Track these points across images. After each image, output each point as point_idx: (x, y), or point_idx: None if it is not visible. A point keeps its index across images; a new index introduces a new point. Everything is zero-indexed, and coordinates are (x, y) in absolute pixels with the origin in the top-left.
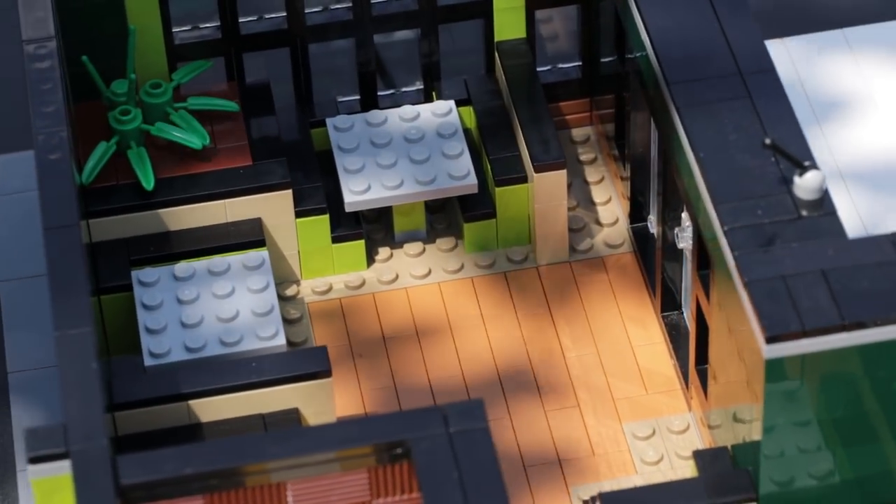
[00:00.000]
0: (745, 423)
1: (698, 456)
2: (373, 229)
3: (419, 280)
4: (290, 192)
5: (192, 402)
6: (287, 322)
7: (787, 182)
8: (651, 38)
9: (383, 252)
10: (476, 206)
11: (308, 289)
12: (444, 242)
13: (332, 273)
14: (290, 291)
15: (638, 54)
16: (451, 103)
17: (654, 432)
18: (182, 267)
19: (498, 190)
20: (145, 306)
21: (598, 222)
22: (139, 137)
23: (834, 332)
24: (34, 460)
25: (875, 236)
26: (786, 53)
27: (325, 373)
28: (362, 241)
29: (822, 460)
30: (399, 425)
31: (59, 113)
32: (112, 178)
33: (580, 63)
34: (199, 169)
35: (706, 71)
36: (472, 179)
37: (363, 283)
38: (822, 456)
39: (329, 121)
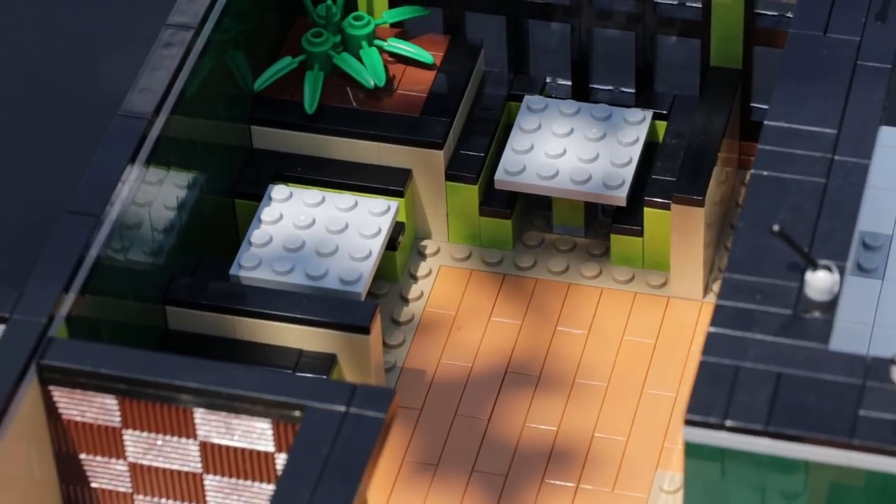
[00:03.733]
0: None
1: None
2: (538, 213)
3: (552, 275)
4: (441, 152)
5: (237, 318)
6: (412, 277)
7: (801, 277)
8: (774, 97)
9: (534, 238)
10: (627, 220)
11: (448, 252)
12: (595, 247)
13: (477, 244)
14: (430, 250)
15: None
16: (646, 113)
17: (679, 488)
18: (313, 193)
19: (647, 210)
20: (260, 220)
21: None
22: (324, 62)
23: (754, 434)
24: None
25: (854, 355)
26: None
27: (364, 329)
28: (509, 221)
29: None
30: (306, 389)
31: None
32: (287, 92)
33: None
34: (367, 107)
35: (802, 144)
36: (623, 192)
37: (501, 261)
38: None
39: (526, 98)
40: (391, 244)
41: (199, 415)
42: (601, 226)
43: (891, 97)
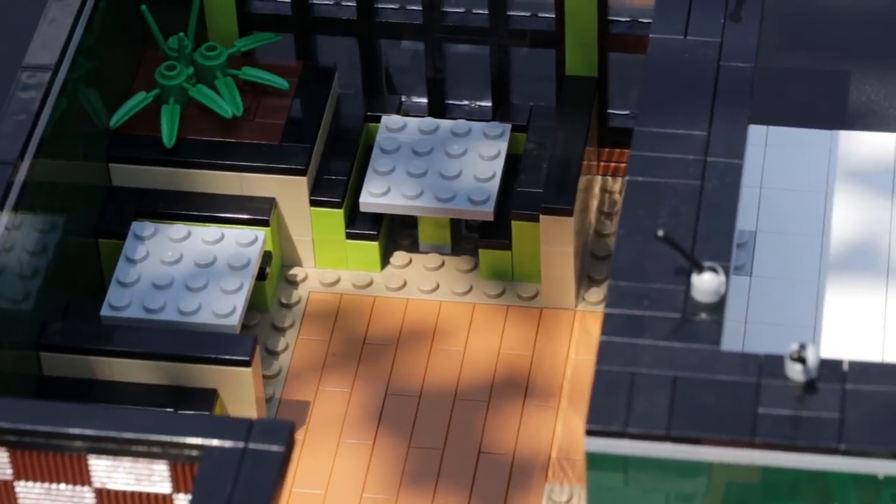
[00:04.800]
0: None
1: None
2: (403, 234)
3: (424, 294)
4: (304, 178)
5: (113, 360)
6: (282, 305)
7: (687, 280)
8: (641, 102)
9: (402, 258)
10: (495, 234)
11: (316, 278)
12: (463, 263)
13: (344, 267)
14: (297, 276)
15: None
16: (506, 126)
17: (571, 498)
18: (178, 228)
19: (514, 223)
20: (127, 258)
21: None
22: (180, 95)
23: (657, 440)
24: None
25: (747, 354)
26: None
27: (245, 362)
28: (377, 244)
29: None
30: (203, 427)
31: None
32: (143, 128)
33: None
34: (226, 137)
35: (673, 148)
36: (490, 207)
37: (370, 284)
38: None
39: (384, 118)
40: (260, 274)
41: (94, 461)
42: (467, 241)
43: (755, 96)
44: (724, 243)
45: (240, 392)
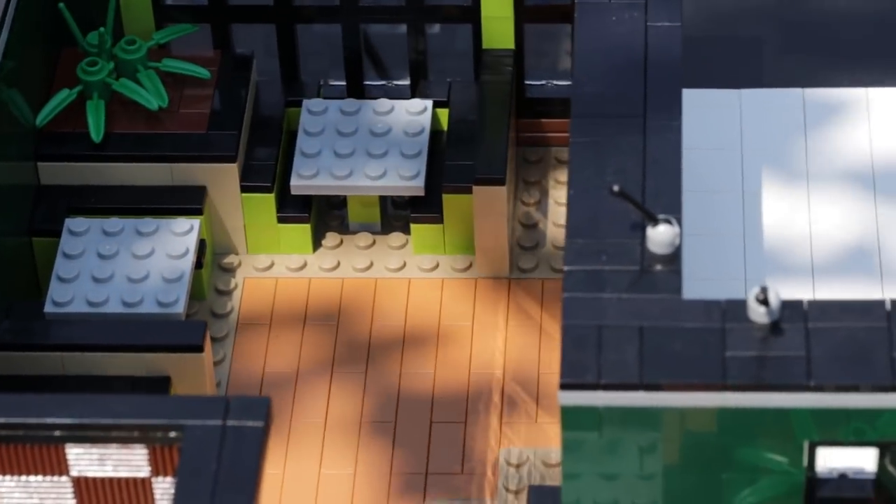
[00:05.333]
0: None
1: (532, 490)
2: (332, 215)
3: (358, 273)
4: (234, 165)
5: (65, 355)
6: (218, 293)
7: (643, 233)
8: (575, 66)
9: (333, 239)
10: (426, 208)
11: (249, 264)
12: (394, 240)
13: (277, 251)
14: (231, 264)
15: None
16: (427, 103)
17: (526, 460)
18: (112, 222)
19: (445, 196)
20: (64, 254)
21: (553, 244)
22: (103, 90)
23: (631, 389)
24: None
25: (709, 300)
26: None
27: (198, 347)
28: (308, 226)
29: None
30: (180, 409)
31: None
32: (69, 125)
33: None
34: (153, 129)
35: (612, 109)
36: (420, 182)
37: (304, 266)
38: None
39: (305, 102)
40: (196, 262)
41: (72, 450)
42: (396, 218)
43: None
44: (672, 197)
45: (193, 378)
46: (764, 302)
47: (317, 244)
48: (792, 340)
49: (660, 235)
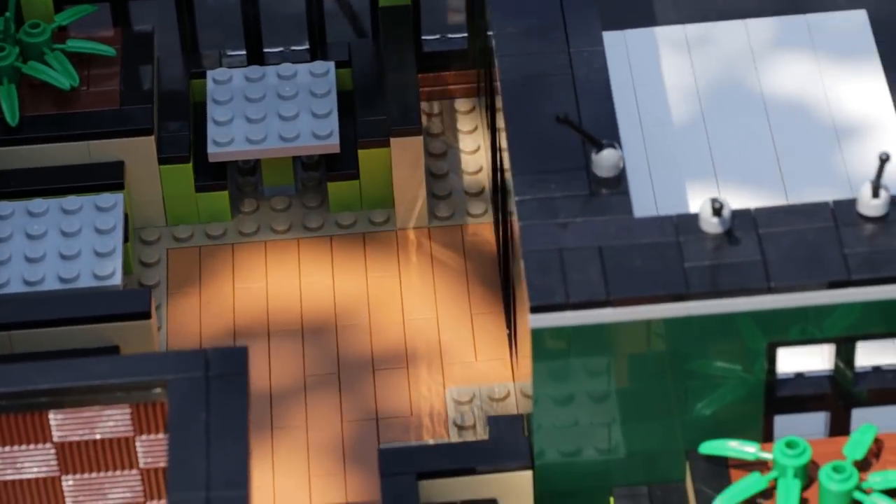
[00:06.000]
0: (529, 392)
1: (492, 421)
2: (245, 182)
3: (279, 235)
4: (152, 138)
5: (12, 333)
6: (143, 265)
7: (586, 159)
8: (492, 15)
9: (250, 204)
10: (341, 166)
11: (170, 235)
12: (311, 199)
13: (195, 221)
14: (151, 236)
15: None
16: (330, 64)
17: (473, 398)
18: (37, 203)
19: (361, 152)
20: None
21: (466, 191)
22: (12, 74)
23: (599, 306)
24: None
25: (659, 217)
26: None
27: (146, 314)
28: (226, 192)
29: (598, 435)
30: (161, 365)
31: None
32: None
33: (467, 35)
34: (67, 109)
35: (535, 47)
36: (335, 140)
37: (224, 233)
38: (597, 430)
39: (209, 73)
40: (124, 236)
41: (55, 416)
42: (309, 179)
43: None
44: (608, 122)
45: (141, 345)
46: (717, 213)
47: (234, 211)
48: (746, 247)
49: (605, 160)
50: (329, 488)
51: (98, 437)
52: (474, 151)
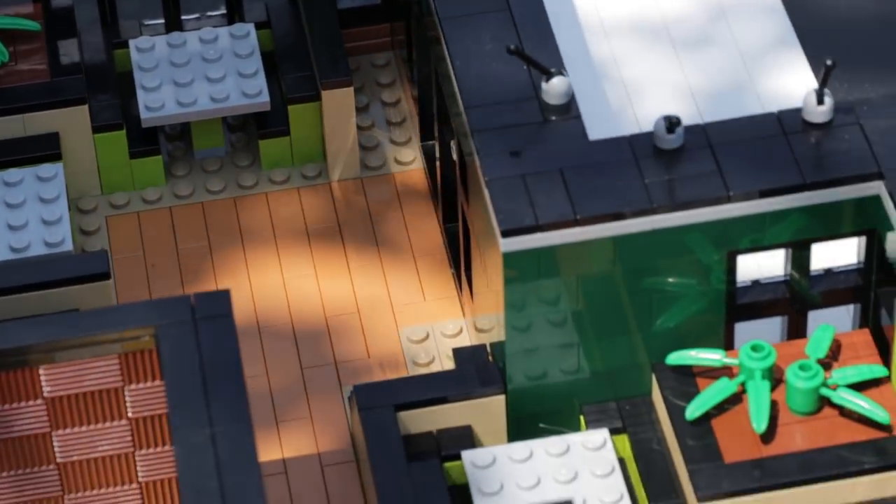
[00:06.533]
0: (496, 321)
1: (457, 353)
2: (174, 147)
3: (215, 195)
4: (86, 107)
5: None
6: (84, 234)
7: (536, 88)
8: None
9: (183, 168)
10: (271, 123)
11: (106, 203)
12: (242, 159)
13: (131, 188)
14: (89, 205)
15: None
16: (250, 26)
17: (427, 336)
18: None
19: (290, 108)
20: None
21: (392, 141)
22: None
23: (567, 226)
24: None
25: (614, 138)
26: None
27: (104, 275)
28: (160, 157)
29: (567, 355)
30: (148, 313)
31: None
32: None
33: None
34: None
35: None
36: (265, 97)
37: (160, 198)
38: (566, 350)
39: (132, 42)
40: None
41: (45, 371)
42: (238, 140)
43: None
44: (552, 54)
45: (102, 305)
46: (671, 129)
47: (168, 176)
48: (701, 160)
49: (555, 87)
50: (297, 433)
51: (88, 389)
52: (396, 103)
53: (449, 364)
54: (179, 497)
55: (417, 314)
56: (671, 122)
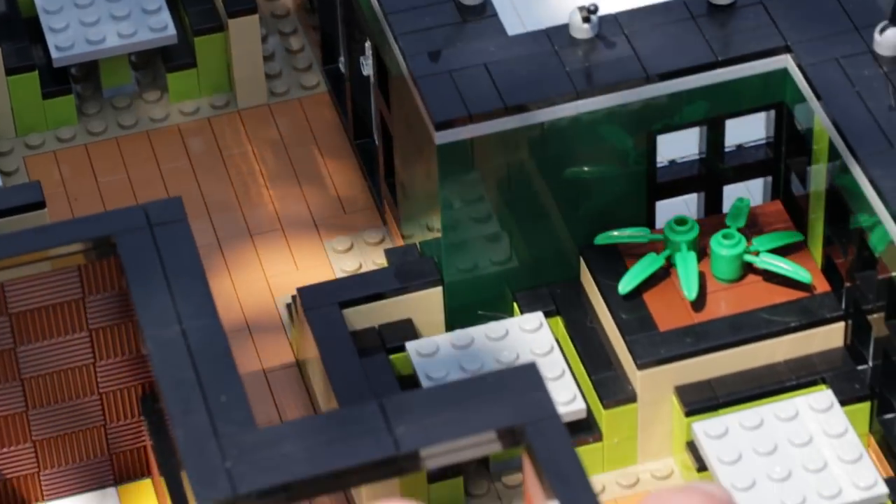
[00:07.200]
0: (428, 217)
1: (389, 253)
2: (83, 88)
3: (127, 130)
4: None
5: None
6: (4, 174)
7: None
8: None
9: (94, 106)
10: (178, 57)
11: (22, 144)
12: (150, 94)
13: (44, 129)
14: (6, 147)
15: None
16: None
17: (352, 246)
18: None
19: (196, 39)
20: None
21: (295, 68)
22: None
23: (497, 116)
24: None
25: (532, 32)
26: None
27: (40, 204)
28: (72, 97)
29: (499, 244)
30: (105, 223)
31: None
32: None
33: None
34: None
35: None
36: (171, 31)
37: (75, 136)
38: (499, 239)
39: None
40: None
41: (8, 287)
42: (144, 76)
43: None
44: None
45: None
46: (587, 19)
47: (80, 116)
48: (618, 46)
49: None
50: (236, 347)
51: (50, 301)
52: (293, 33)
53: (375, 268)
54: (160, 390)
55: (340, 226)
56: (591, 8)
